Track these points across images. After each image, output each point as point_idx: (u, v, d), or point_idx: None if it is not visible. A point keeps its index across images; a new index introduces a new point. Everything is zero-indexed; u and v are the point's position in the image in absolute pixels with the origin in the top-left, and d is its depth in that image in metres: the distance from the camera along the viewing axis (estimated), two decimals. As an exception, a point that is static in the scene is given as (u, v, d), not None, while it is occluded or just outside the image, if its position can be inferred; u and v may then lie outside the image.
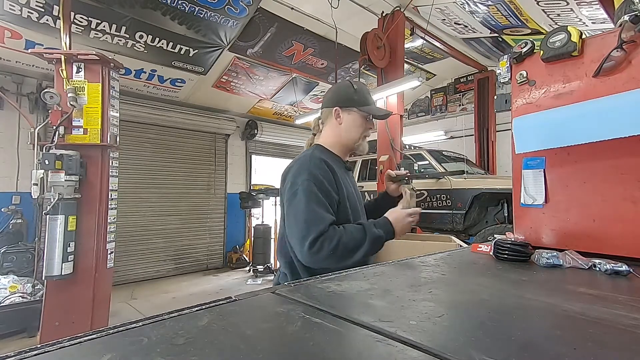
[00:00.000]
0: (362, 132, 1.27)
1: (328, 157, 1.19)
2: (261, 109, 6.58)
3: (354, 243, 1.03)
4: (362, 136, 1.27)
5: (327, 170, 1.12)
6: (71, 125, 2.62)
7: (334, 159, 1.23)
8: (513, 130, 1.14)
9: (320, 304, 0.56)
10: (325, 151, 1.25)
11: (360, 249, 1.03)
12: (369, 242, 1.04)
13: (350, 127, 1.26)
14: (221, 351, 0.40)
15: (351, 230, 1.05)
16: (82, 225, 2.61)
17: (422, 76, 3.81)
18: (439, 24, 4.86)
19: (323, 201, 1.06)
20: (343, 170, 1.26)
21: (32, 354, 0.39)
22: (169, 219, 5.80)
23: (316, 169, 1.10)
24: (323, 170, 1.11)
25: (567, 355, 0.39)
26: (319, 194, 1.06)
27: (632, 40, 0.90)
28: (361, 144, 1.29)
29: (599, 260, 0.84)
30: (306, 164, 1.11)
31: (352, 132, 1.26)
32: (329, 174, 1.12)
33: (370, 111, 1.26)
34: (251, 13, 4.02)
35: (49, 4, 3.36)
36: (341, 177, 1.18)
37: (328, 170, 1.12)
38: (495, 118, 5.96)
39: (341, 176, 1.19)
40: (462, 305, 0.60)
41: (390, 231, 1.08)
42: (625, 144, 0.88)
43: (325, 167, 1.12)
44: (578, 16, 3.79)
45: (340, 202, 1.14)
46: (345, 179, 1.22)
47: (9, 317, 3.04)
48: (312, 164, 1.11)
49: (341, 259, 1.01)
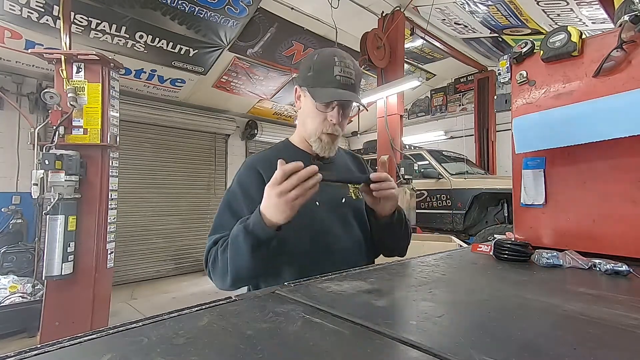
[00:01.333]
0: (317, 124, 0.93)
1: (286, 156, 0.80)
2: (261, 109, 6.58)
3: (222, 251, 0.82)
4: (318, 131, 0.93)
5: (254, 179, 0.92)
6: (71, 125, 2.62)
7: (294, 156, 0.86)
8: (513, 130, 1.14)
9: (320, 304, 0.56)
10: (287, 147, 1.04)
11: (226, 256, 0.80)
12: (230, 244, 0.79)
13: (305, 116, 0.97)
14: (221, 351, 0.40)
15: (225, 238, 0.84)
16: (82, 225, 2.61)
17: (422, 76, 3.82)
18: (439, 24, 4.87)
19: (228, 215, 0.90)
20: None
21: (32, 354, 0.39)
22: (169, 219, 5.80)
23: (241, 176, 0.95)
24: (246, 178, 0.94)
25: (567, 355, 0.39)
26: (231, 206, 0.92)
27: (632, 40, 0.90)
28: (318, 142, 0.94)
29: (599, 260, 0.84)
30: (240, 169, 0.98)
31: (306, 123, 0.96)
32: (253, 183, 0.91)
33: (314, 95, 0.90)
34: (251, 13, 4.02)
35: (49, 4, 3.36)
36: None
37: (252, 183, 0.92)
38: (495, 118, 5.97)
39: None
40: (462, 305, 0.60)
41: (257, 220, 0.76)
42: (625, 144, 0.88)
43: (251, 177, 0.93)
44: (578, 16, 3.79)
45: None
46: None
47: (9, 317, 3.04)
48: (240, 170, 0.98)
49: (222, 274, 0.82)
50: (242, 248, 0.76)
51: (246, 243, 0.75)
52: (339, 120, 0.93)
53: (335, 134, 0.95)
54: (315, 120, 0.94)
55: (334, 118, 0.92)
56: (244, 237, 0.76)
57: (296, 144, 1.04)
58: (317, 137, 0.95)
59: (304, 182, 0.72)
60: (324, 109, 0.92)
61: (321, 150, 0.96)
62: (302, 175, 0.72)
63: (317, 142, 0.95)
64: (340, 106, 0.92)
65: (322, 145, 0.95)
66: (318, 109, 0.92)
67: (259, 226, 0.75)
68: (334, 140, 0.97)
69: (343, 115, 0.94)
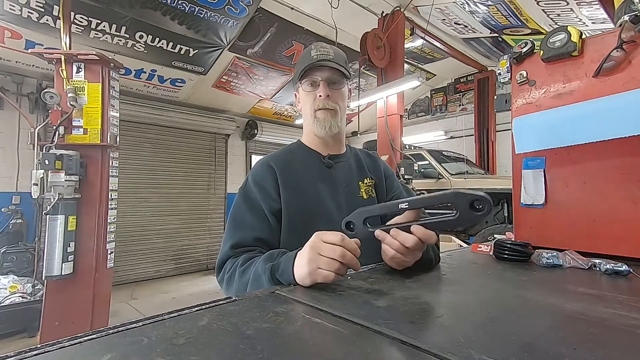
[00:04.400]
0: (309, 105, 0.96)
1: (298, 155, 0.97)
2: (261, 109, 6.59)
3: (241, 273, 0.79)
4: (312, 110, 0.95)
5: (266, 176, 0.92)
6: (71, 125, 2.62)
7: (306, 156, 0.99)
8: (513, 130, 1.14)
9: (320, 304, 0.56)
10: (299, 147, 1.03)
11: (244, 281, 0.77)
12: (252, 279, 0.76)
13: (303, 109, 1.00)
14: (221, 351, 0.40)
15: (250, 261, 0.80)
16: (82, 225, 2.61)
17: (422, 76, 3.81)
18: (439, 24, 4.87)
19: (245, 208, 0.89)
20: (317, 170, 0.98)
21: (32, 354, 0.39)
22: (169, 219, 5.80)
23: (255, 171, 0.95)
24: (260, 175, 0.93)
25: (567, 355, 0.39)
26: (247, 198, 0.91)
27: (632, 40, 0.90)
28: (316, 122, 0.95)
29: (599, 260, 0.84)
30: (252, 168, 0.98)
31: (305, 113, 0.99)
32: (267, 180, 0.91)
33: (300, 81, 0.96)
34: (251, 13, 4.02)
35: (49, 4, 3.36)
36: (304, 179, 0.94)
37: (266, 177, 0.92)
38: (495, 118, 5.97)
39: (305, 177, 0.94)
40: (462, 305, 0.60)
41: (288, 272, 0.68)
42: (625, 144, 0.88)
43: (264, 173, 0.93)
44: (578, 16, 3.79)
45: (285, 212, 0.89)
46: (314, 179, 0.95)
47: (9, 317, 3.04)
48: (253, 167, 0.98)
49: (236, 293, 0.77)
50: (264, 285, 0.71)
51: (268, 285, 0.71)
52: (327, 92, 0.94)
53: (328, 108, 0.95)
54: (307, 104, 0.96)
55: (322, 92, 0.93)
56: (267, 280, 0.71)
57: (307, 144, 1.04)
58: (313, 118, 0.96)
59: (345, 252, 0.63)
60: (311, 88, 0.95)
61: (321, 130, 0.95)
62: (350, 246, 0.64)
63: (316, 123, 0.96)
64: (325, 81, 0.94)
65: (320, 123, 0.95)
66: (305, 90, 0.96)
67: (286, 275, 0.68)
68: (331, 115, 0.95)
69: (332, 89, 0.95)
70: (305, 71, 0.94)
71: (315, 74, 0.94)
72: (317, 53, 0.94)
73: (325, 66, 0.93)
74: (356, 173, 1.03)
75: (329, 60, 0.93)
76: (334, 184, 0.97)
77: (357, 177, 1.03)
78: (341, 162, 1.02)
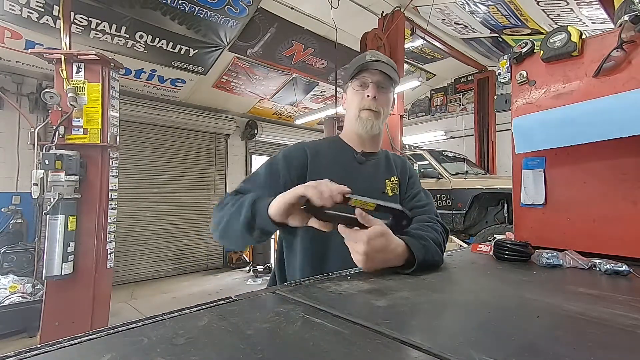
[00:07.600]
0: (356, 104, 1.02)
1: (332, 147, 1.04)
2: (261, 109, 6.58)
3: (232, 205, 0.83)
4: (357, 109, 1.02)
5: (298, 155, 0.98)
6: (71, 125, 2.62)
7: (341, 149, 1.05)
8: (513, 130, 1.14)
9: (320, 304, 0.56)
10: (336, 141, 1.09)
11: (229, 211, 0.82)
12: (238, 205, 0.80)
13: (348, 107, 1.07)
14: (221, 351, 0.40)
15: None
16: (82, 225, 2.61)
17: (422, 76, 3.82)
18: (439, 24, 4.87)
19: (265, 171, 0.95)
20: (347, 164, 1.03)
21: (32, 354, 0.39)
22: (169, 219, 5.80)
23: (286, 151, 1.01)
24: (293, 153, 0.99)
25: (567, 355, 0.39)
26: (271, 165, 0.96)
27: (632, 40, 0.90)
28: (359, 120, 1.01)
29: (599, 260, 0.84)
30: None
31: (349, 111, 1.05)
32: (298, 159, 0.97)
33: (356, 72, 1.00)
34: (251, 13, 4.02)
35: (49, 4, 3.36)
36: (333, 168, 0.98)
37: (297, 157, 0.97)
38: (495, 118, 5.97)
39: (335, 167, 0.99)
40: (462, 305, 0.60)
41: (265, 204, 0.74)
42: (625, 144, 0.88)
43: (297, 153, 0.99)
44: (578, 16, 3.79)
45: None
46: (344, 171, 1.00)
47: (9, 317, 3.04)
48: (287, 148, 1.04)
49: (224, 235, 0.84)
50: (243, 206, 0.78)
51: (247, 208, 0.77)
52: (375, 94, 0.99)
53: (373, 110, 1.00)
54: (354, 103, 1.02)
55: (370, 92, 0.99)
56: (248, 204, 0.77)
57: (344, 139, 1.09)
58: (357, 116, 1.01)
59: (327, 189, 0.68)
60: (361, 88, 1.01)
61: (362, 128, 1.01)
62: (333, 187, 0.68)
63: (359, 121, 1.01)
64: (375, 84, 0.99)
65: (363, 122, 1.00)
66: (354, 89, 1.02)
67: (264, 209, 0.73)
68: (375, 116, 1.01)
69: (380, 92, 1.01)
70: (358, 72, 1.00)
71: (366, 75, 1.00)
72: (372, 58, 1.01)
73: (377, 69, 0.99)
74: (384, 171, 1.08)
75: (381, 62, 1.00)
76: (362, 178, 1.02)
77: (385, 175, 1.07)
78: (373, 160, 1.07)
